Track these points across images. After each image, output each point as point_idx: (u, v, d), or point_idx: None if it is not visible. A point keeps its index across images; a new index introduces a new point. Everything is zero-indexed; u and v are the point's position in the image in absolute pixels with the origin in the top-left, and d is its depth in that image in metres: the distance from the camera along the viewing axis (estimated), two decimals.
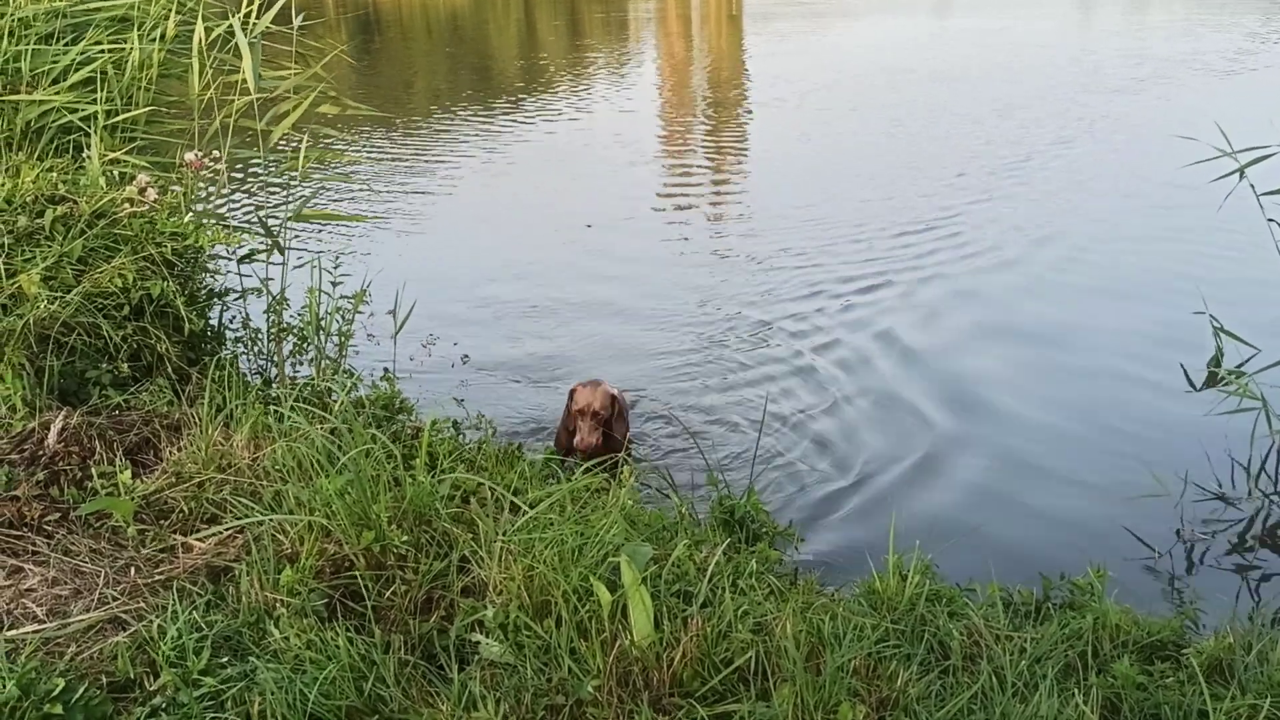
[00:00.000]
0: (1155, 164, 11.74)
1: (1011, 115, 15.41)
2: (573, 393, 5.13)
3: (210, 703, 2.68)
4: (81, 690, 2.68)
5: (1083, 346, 7.20)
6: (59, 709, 2.61)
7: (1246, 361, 6.13)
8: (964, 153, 13.09)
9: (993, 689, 2.91)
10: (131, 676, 2.81)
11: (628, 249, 9.61)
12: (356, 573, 3.20)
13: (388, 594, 3.18)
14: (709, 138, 15.39)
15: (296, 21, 5.83)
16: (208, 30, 5.50)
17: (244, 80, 5.28)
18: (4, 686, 2.64)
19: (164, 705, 2.68)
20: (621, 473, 4.57)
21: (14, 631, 2.99)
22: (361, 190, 11.22)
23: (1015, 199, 10.96)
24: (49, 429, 3.80)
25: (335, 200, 10.65)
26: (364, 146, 13.92)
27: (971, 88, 17.93)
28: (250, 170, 10.80)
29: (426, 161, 13.55)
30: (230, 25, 5.30)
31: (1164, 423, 6.05)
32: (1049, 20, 28.69)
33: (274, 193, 10.16)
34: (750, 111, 17.36)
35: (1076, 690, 2.86)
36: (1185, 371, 6.02)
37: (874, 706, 2.85)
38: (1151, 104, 15.96)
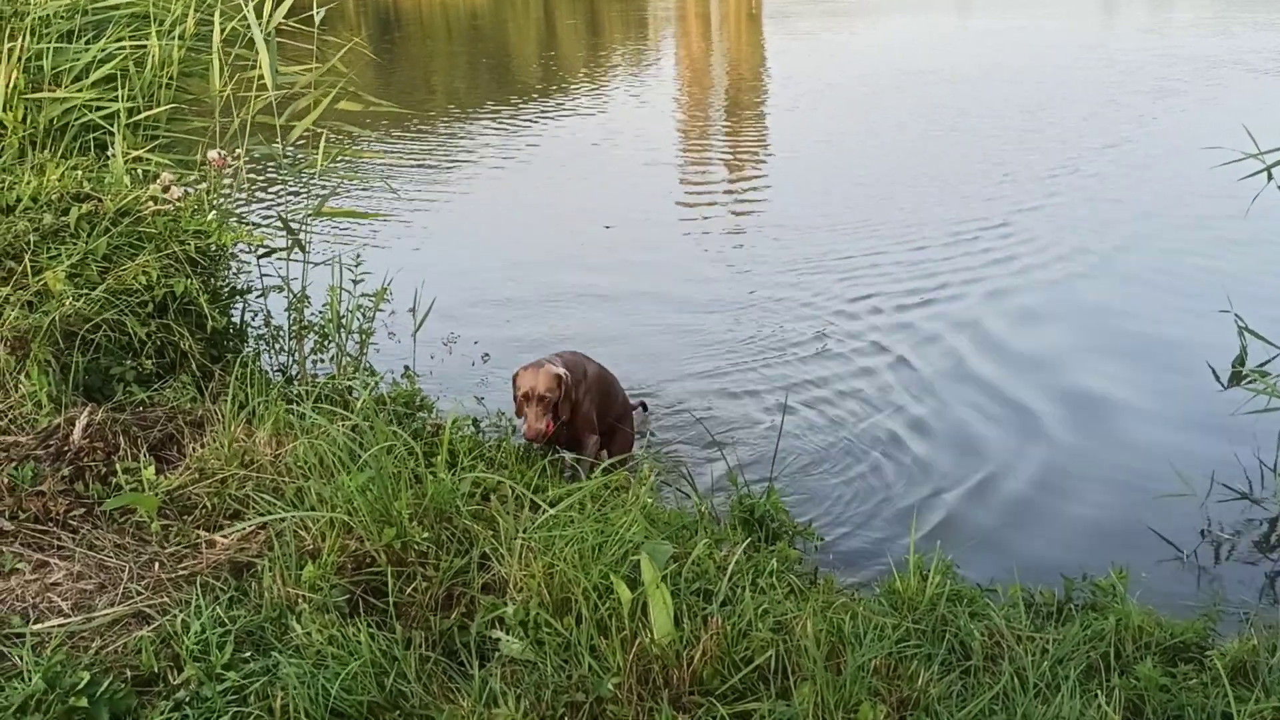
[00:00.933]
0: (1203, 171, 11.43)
1: (1052, 118, 15.02)
2: (515, 378, 4.81)
3: (233, 697, 2.69)
4: (106, 684, 2.70)
5: (1104, 346, 7.16)
6: (84, 702, 2.63)
7: (1269, 360, 6.08)
8: (999, 156, 12.81)
9: (1014, 689, 2.90)
10: (156, 670, 2.83)
11: (648, 249, 9.60)
12: (378, 569, 3.22)
13: (409, 590, 3.19)
14: (728, 137, 15.38)
15: (317, 17, 5.86)
16: (224, 26, 5.53)
17: (262, 77, 5.31)
18: (30, 679, 2.67)
19: (188, 699, 2.70)
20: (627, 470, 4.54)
21: (40, 625, 3.01)
22: (381, 188, 11.26)
23: (1053, 206, 10.72)
24: (74, 425, 3.83)
25: (354, 198, 10.70)
26: (383, 144, 13.97)
27: (1001, 89, 17.58)
28: (270, 167, 10.85)
29: (445, 159, 13.59)
30: (247, 21, 5.32)
31: (1189, 422, 6.00)
32: (1073, 19, 28.41)
33: (294, 190, 10.21)
34: (770, 111, 17.30)
35: (1099, 691, 2.85)
36: (1214, 371, 5.97)
37: (894, 706, 2.84)
38: (1198, 106, 15.46)
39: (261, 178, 10.86)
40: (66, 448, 3.75)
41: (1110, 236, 9.62)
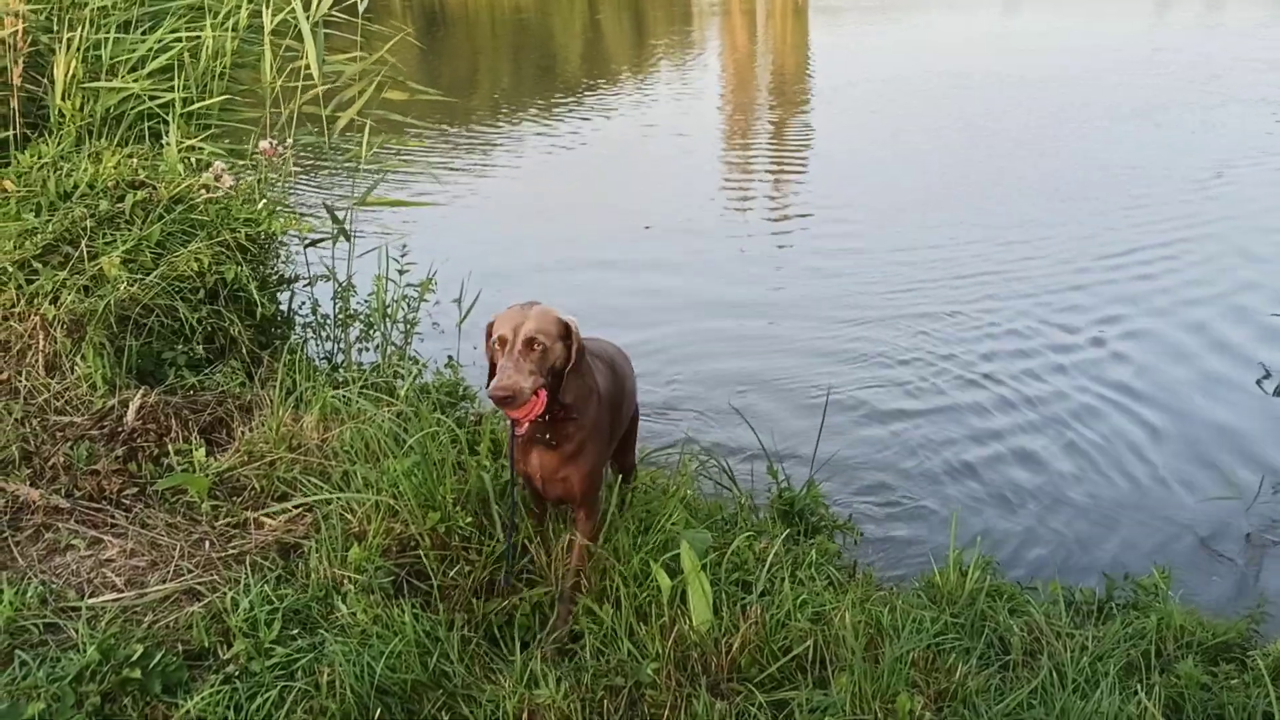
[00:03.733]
0: None
1: (1131, 127, 14.28)
2: (489, 326, 3.09)
3: (281, 672, 2.76)
4: (159, 657, 2.77)
5: (1159, 347, 7.09)
6: (137, 674, 2.70)
7: None
8: (1047, 166, 12.43)
9: (1053, 685, 2.90)
10: (206, 645, 2.91)
11: (689, 247, 9.60)
12: (421, 552, 3.27)
13: (452, 574, 3.25)
14: (772, 133, 15.32)
15: (361, 6, 5.93)
16: (274, 17, 5.60)
17: (308, 67, 5.38)
18: (86, 651, 2.75)
19: (237, 673, 2.77)
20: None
21: (95, 599, 3.10)
22: (425, 178, 11.35)
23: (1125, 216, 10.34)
24: (128, 407, 3.92)
25: (400, 188, 10.79)
26: (428, 135, 14.06)
27: (1070, 91, 16.90)
28: (317, 156, 10.97)
29: (489, 152, 13.67)
30: (294, 13, 5.40)
31: (1237, 424, 5.94)
32: (1125, 18, 27.87)
33: (340, 180, 10.32)
34: (815, 108, 17.19)
35: (1139, 688, 2.84)
36: (1266, 371, 5.89)
37: (932, 698, 2.85)
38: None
39: (309, 167, 10.98)
40: (120, 429, 3.85)
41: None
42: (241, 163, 5.62)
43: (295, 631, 2.95)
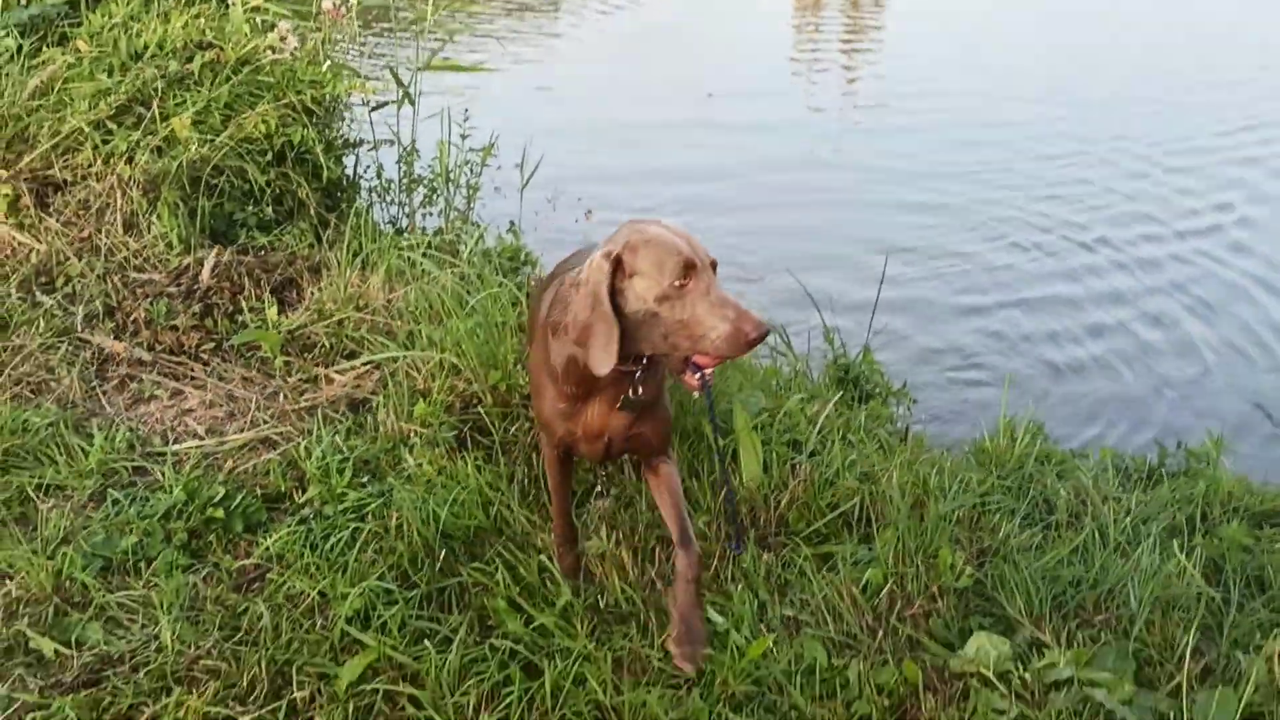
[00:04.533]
0: None
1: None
2: (641, 241, 2.22)
3: (352, 515, 2.93)
4: (240, 499, 2.96)
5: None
6: (220, 513, 2.89)
7: None
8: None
9: (1094, 544, 2.97)
10: (282, 490, 3.09)
11: (753, 121, 9.44)
12: (483, 410, 3.39)
13: (512, 430, 3.36)
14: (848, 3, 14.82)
15: None
16: None
17: None
18: (172, 492, 2.94)
19: (312, 515, 2.95)
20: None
21: (178, 446, 3.28)
22: (489, 41, 11.23)
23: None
24: (203, 265, 4.06)
25: (464, 52, 10.70)
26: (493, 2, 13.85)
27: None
28: (381, 19, 10.89)
29: (554, 16, 13.44)
30: None
31: None
32: None
33: (404, 43, 10.26)
34: None
35: (1178, 549, 2.89)
36: None
37: (974, 554, 2.94)
38: None
39: (373, 29, 10.91)
40: (196, 286, 3.99)
41: None
42: (306, 24, 5.62)
43: (365, 479, 3.11)
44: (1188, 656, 2.40)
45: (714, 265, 2.22)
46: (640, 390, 2.39)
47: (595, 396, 2.41)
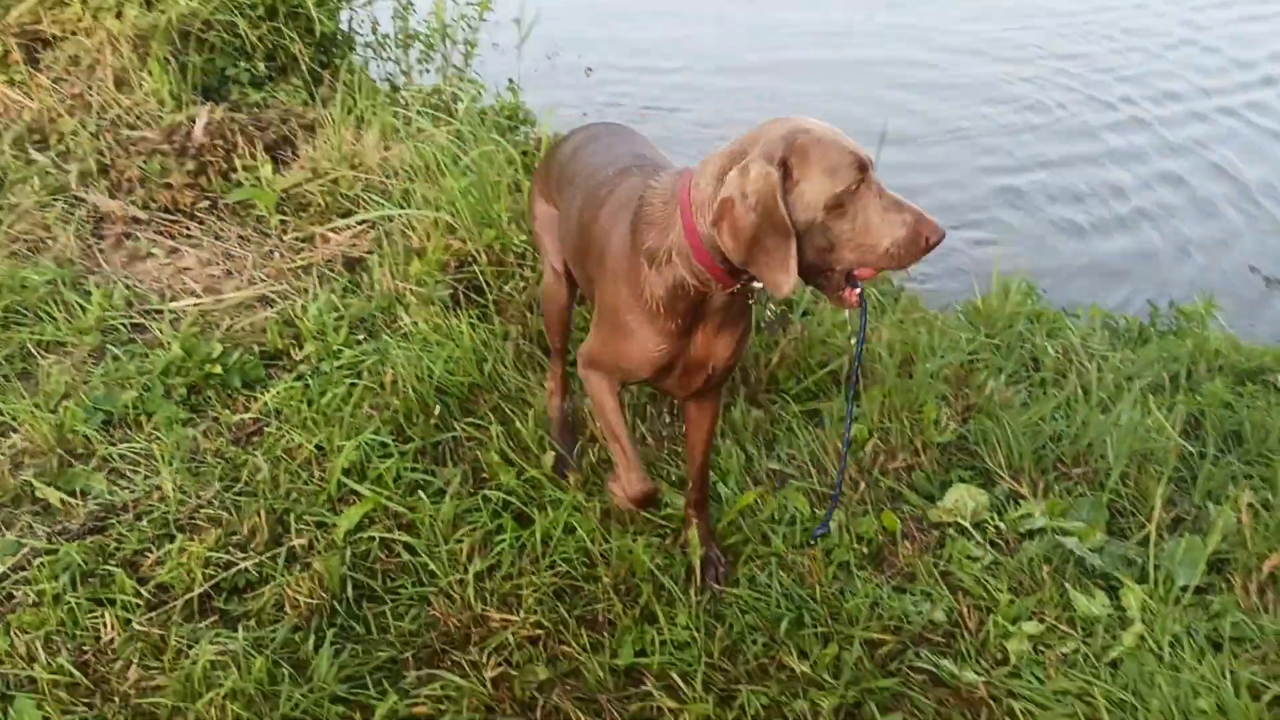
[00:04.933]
0: None
1: None
2: (796, 149, 1.94)
3: (348, 372, 2.98)
4: (237, 355, 3.01)
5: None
6: (218, 369, 2.95)
7: None
8: None
9: (1077, 400, 3.02)
10: (280, 347, 3.14)
11: None
12: (478, 268, 3.41)
13: (506, 289, 3.39)
14: None
15: None
16: None
17: None
18: (171, 348, 2.99)
19: (309, 372, 3.00)
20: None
21: (176, 303, 3.32)
22: None
23: None
24: (195, 122, 4.02)
25: None
26: None
27: None
28: None
29: None
30: None
31: None
32: None
33: None
34: None
35: (1159, 406, 2.94)
36: None
37: (959, 411, 3.00)
38: None
39: None
40: (189, 144, 3.97)
41: None
42: None
43: (361, 337, 3.16)
44: (1159, 507, 2.46)
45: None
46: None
47: (699, 325, 2.16)
